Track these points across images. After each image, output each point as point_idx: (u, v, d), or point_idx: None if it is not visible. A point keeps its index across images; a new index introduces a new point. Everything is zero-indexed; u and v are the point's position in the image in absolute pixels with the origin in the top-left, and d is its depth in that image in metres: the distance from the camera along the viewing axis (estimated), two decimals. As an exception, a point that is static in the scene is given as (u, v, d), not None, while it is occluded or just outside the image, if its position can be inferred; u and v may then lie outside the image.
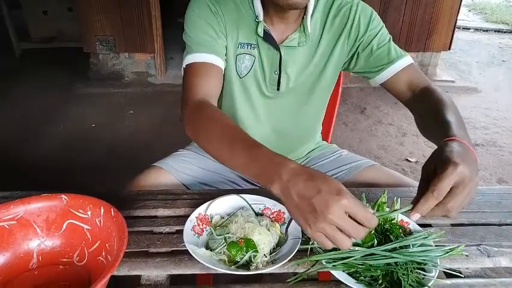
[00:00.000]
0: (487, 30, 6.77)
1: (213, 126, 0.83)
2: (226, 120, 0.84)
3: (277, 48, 1.02)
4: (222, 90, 1.14)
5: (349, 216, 0.60)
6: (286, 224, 0.82)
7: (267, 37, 1.01)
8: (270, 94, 1.10)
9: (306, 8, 0.99)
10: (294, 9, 0.93)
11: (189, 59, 0.98)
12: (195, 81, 0.95)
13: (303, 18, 1.00)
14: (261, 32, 1.00)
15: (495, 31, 6.74)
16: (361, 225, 0.60)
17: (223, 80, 1.09)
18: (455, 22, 3.95)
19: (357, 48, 1.06)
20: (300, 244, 0.74)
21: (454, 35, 4.00)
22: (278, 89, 1.08)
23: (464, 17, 7.36)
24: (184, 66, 0.99)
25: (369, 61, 1.06)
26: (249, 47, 1.04)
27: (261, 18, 0.99)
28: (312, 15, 1.01)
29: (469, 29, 6.80)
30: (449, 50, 4.10)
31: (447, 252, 0.73)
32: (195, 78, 0.95)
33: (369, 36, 1.03)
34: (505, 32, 6.70)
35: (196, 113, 0.89)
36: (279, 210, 0.86)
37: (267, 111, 1.13)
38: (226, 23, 1.02)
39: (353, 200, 0.59)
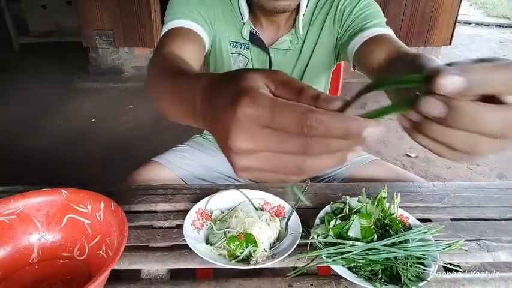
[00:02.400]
0: (488, 25, 6.75)
1: (156, 75, 0.67)
2: (170, 63, 0.69)
3: (267, 51, 0.98)
4: None
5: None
6: (286, 219, 0.82)
7: (255, 39, 0.97)
8: None
9: (298, 8, 0.94)
10: (282, 13, 0.89)
11: (166, 27, 0.85)
12: (165, 42, 0.81)
13: (295, 19, 0.96)
14: (246, 34, 0.96)
15: (496, 26, 6.72)
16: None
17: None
18: (457, 16, 3.93)
19: (342, 32, 0.97)
20: (300, 239, 0.74)
21: (455, 30, 3.99)
22: None
23: (465, 11, 7.33)
24: (163, 30, 0.87)
25: (350, 29, 0.93)
26: (242, 46, 1.00)
27: (245, 19, 0.94)
28: (305, 15, 0.97)
29: (470, 23, 6.78)
30: (450, 44, 4.08)
31: (446, 247, 0.73)
32: (166, 40, 0.81)
33: (354, 18, 0.93)
34: (506, 27, 6.68)
35: (148, 69, 0.72)
36: (279, 205, 0.86)
37: None
38: (215, 17, 0.96)
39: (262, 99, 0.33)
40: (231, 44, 1.01)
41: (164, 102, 0.60)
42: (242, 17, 0.95)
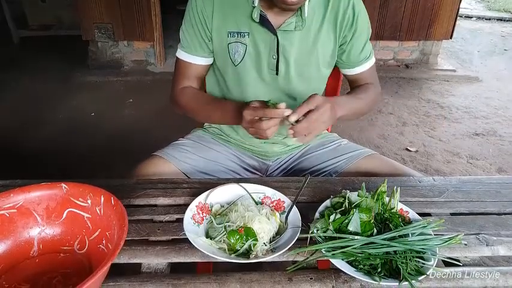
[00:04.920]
0: (489, 19, 6.71)
1: (195, 101, 1.13)
2: (202, 95, 1.16)
3: (275, 33, 1.03)
4: (215, 75, 1.18)
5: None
6: (286, 213, 0.82)
7: (264, 22, 1.02)
8: (268, 79, 1.09)
9: None
10: (291, 10, 0.98)
11: (178, 52, 1.14)
12: (178, 77, 1.16)
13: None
14: (256, 17, 1.01)
15: (497, 19, 6.69)
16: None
17: (216, 69, 1.15)
18: (458, 10, 3.91)
19: (344, 41, 1.09)
20: (300, 233, 0.75)
21: (456, 24, 3.96)
22: (277, 74, 1.08)
23: (467, 5, 7.29)
24: (176, 54, 1.15)
25: (346, 56, 1.12)
26: (239, 35, 1.06)
27: (256, 3, 1.00)
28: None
29: (471, 17, 6.75)
30: (450, 38, 4.06)
31: (446, 241, 0.73)
32: (178, 74, 1.16)
33: (354, 32, 1.07)
34: (507, 21, 6.64)
35: (180, 98, 1.15)
36: (279, 199, 0.86)
37: (264, 98, 1.13)
38: (213, 21, 1.05)
39: (252, 111, 0.91)
40: (229, 35, 1.06)
41: (203, 114, 1.16)
42: (253, 2, 1.01)
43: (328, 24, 1.06)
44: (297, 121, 0.89)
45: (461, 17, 5.94)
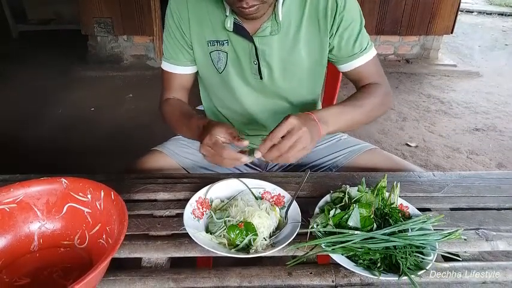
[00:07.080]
0: (490, 14, 6.69)
1: (171, 116, 1.11)
2: (177, 110, 1.11)
3: (251, 40, 1.01)
4: (204, 88, 1.18)
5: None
6: (285, 208, 0.82)
7: (238, 29, 1.00)
8: (254, 84, 1.09)
9: None
10: (253, 19, 0.93)
11: (162, 64, 1.15)
12: (163, 89, 1.17)
13: (275, 5, 0.97)
14: (230, 26, 0.99)
15: (498, 14, 6.67)
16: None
17: (201, 78, 1.16)
18: (459, 5, 3.89)
19: (330, 34, 1.03)
20: (300, 228, 0.75)
21: (457, 18, 3.95)
22: (261, 78, 1.07)
23: (468, -1, 7.26)
24: (161, 66, 1.16)
25: (336, 50, 1.05)
26: (218, 43, 1.04)
27: (228, 12, 0.98)
28: (284, 2, 0.98)
29: (472, 12, 6.73)
30: (451, 33, 4.05)
31: (445, 236, 0.74)
32: (163, 86, 1.17)
33: (339, 23, 1.01)
34: (508, 15, 6.62)
35: (163, 111, 1.15)
36: (279, 194, 0.86)
37: (255, 101, 1.13)
38: (191, 29, 1.04)
39: (210, 142, 0.84)
40: (208, 44, 1.05)
41: (176, 130, 1.10)
42: (225, 10, 0.98)
43: (308, 22, 1.01)
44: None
45: (462, 11, 5.91)
